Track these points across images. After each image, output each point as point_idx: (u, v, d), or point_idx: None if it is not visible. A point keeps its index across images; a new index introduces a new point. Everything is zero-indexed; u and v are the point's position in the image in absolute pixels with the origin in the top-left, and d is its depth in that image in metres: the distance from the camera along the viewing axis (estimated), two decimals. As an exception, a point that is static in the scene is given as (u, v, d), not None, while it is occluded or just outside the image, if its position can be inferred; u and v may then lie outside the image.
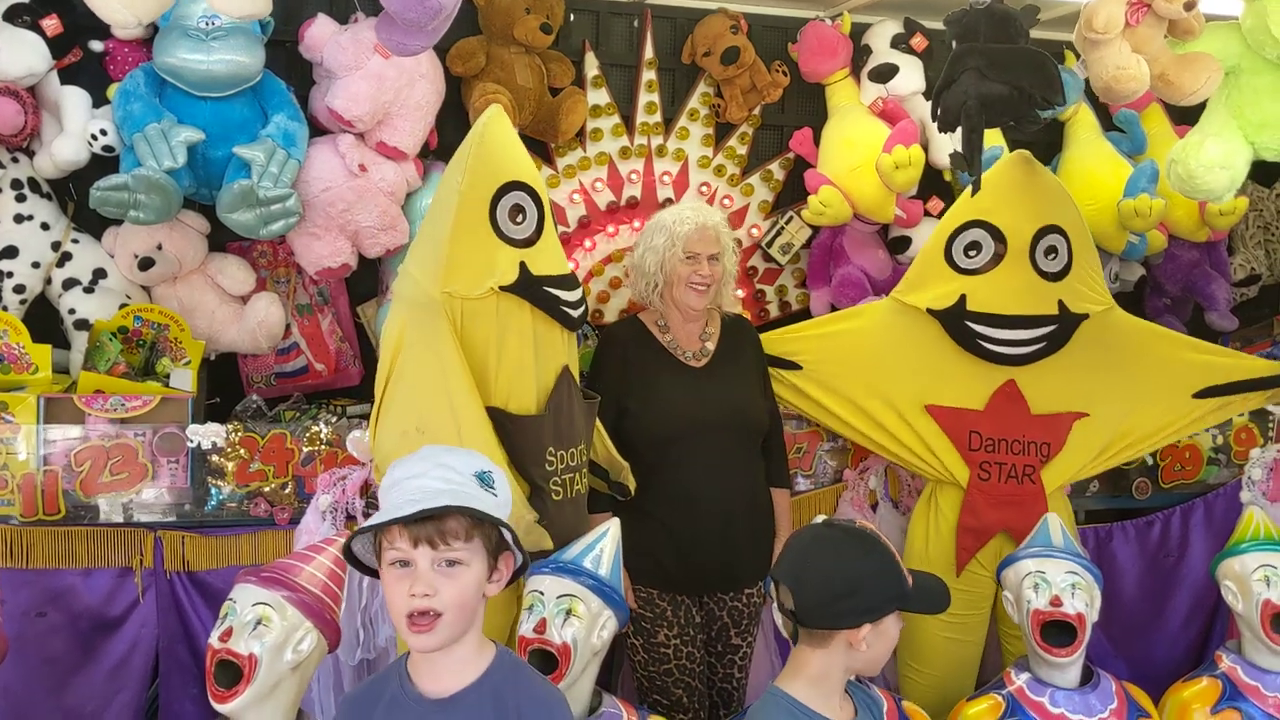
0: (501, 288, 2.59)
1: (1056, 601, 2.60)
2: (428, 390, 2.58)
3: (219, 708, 2.19)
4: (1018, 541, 2.97)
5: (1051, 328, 2.96)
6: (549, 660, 2.35)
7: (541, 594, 2.42)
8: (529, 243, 2.68)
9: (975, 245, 3.03)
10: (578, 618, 2.39)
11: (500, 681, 1.83)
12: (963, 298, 2.99)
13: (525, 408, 2.64)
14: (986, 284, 2.99)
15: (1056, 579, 2.65)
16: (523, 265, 2.63)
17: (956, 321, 3.00)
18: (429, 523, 1.73)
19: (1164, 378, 3.15)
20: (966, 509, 3.07)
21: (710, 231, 3.00)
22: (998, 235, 3.00)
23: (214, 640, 2.20)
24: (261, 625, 2.20)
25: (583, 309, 2.81)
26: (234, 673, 2.17)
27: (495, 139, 2.66)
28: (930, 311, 3.04)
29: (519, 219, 2.66)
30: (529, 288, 2.63)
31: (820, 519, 2.31)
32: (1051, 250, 2.97)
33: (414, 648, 1.79)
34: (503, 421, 2.59)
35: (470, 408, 2.54)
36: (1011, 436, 3.01)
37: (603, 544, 2.52)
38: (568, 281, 2.76)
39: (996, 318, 2.96)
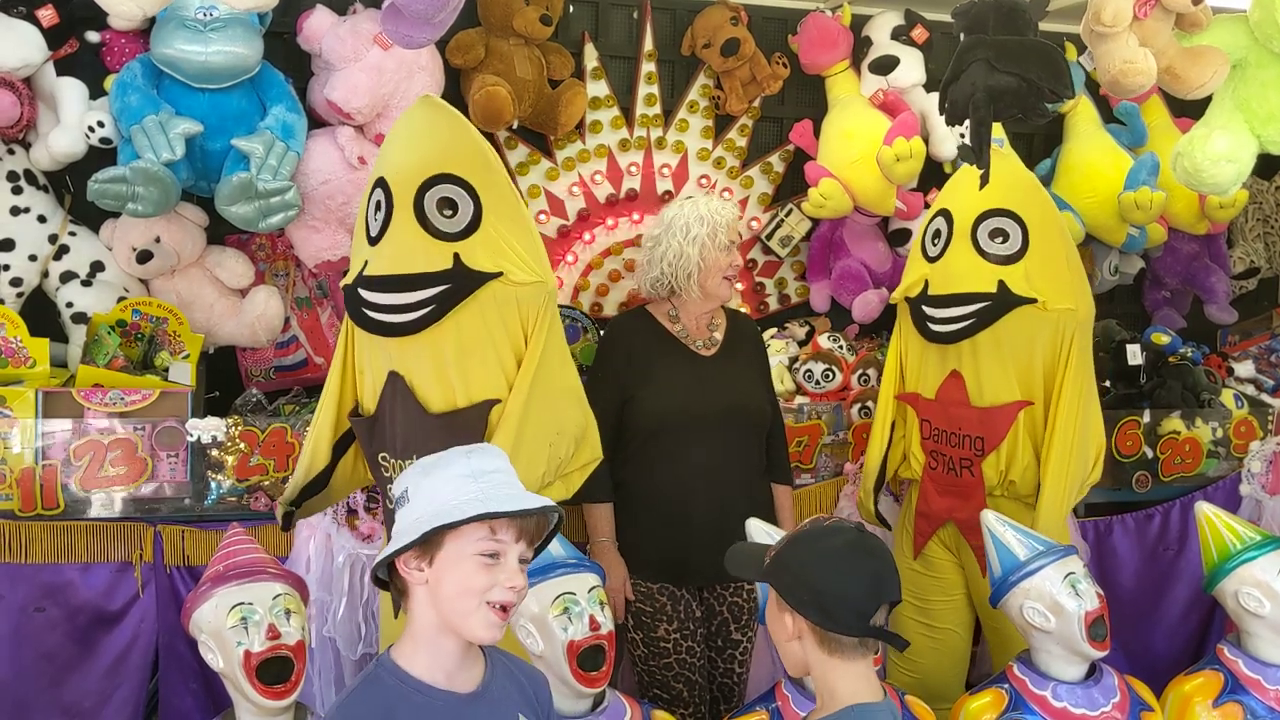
0: (343, 286, 2.56)
1: (1102, 596, 2.59)
2: None
3: (281, 704, 2.27)
4: (963, 530, 2.99)
5: (982, 304, 2.91)
6: (599, 655, 2.37)
7: (573, 594, 2.40)
8: (374, 241, 2.51)
9: (937, 233, 3.07)
10: (605, 603, 2.45)
11: (500, 664, 1.86)
12: (926, 283, 3.03)
13: (368, 409, 2.59)
14: (940, 268, 3.02)
15: (1083, 574, 2.62)
16: (365, 264, 2.50)
17: (916, 307, 3.05)
18: (533, 519, 1.76)
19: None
20: (920, 495, 3.14)
21: (736, 223, 3.09)
22: (950, 220, 3.03)
23: (255, 645, 2.25)
24: (292, 614, 2.32)
25: (414, 316, 2.41)
26: (281, 667, 2.26)
27: (394, 132, 2.62)
28: (907, 300, 3.10)
29: (376, 215, 2.51)
30: (347, 288, 2.53)
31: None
32: (999, 233, 2.94)
33: (483, 639, 1.76)
34: (350, 419, 2.65)
35: (321, 402, 2.65)
36: (950, 429, 3.03)
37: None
38: (402, 283, 2.43)
39: (940, 298, 2.99)
